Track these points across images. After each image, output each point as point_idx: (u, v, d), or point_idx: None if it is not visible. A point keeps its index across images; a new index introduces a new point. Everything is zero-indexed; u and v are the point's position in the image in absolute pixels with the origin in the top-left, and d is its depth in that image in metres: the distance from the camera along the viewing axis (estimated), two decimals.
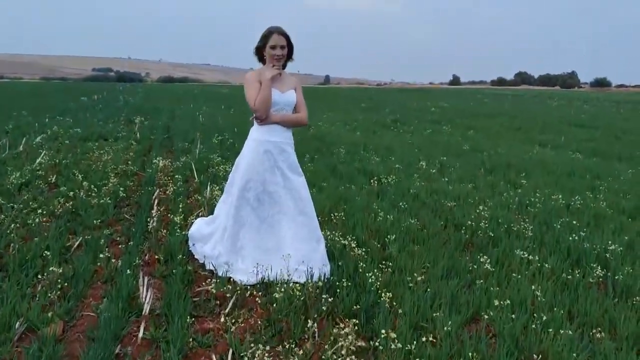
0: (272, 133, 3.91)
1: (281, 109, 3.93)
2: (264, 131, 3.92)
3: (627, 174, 8.35)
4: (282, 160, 3.95)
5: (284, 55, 3.89)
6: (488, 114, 21.92)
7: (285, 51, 3.89)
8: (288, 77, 4.05)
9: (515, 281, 3.82)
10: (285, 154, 3.96)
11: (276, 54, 3.85)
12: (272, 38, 3.86)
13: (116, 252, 4.40)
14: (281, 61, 3.91)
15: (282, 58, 3.90)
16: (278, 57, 3.87)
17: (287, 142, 3.98)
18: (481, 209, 5.57)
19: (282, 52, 3.85)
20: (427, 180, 7.28)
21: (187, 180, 7.20)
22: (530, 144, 12.65)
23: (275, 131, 3.92)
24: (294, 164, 4.02)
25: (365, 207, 5.77)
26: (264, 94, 3.81)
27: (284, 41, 3.85)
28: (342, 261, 4.02)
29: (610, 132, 15.80)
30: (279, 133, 3.93)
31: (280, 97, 3.90)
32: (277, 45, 3.85)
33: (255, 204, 3.93)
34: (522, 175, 7.84)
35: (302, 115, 4.03)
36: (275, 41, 3.85)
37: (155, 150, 9.46)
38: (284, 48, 3.87)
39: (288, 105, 3.96)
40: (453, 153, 10.21)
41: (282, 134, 3.96)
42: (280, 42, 3.84)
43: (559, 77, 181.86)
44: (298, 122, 4.04)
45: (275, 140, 3.92)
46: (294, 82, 4.07)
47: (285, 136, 3.98)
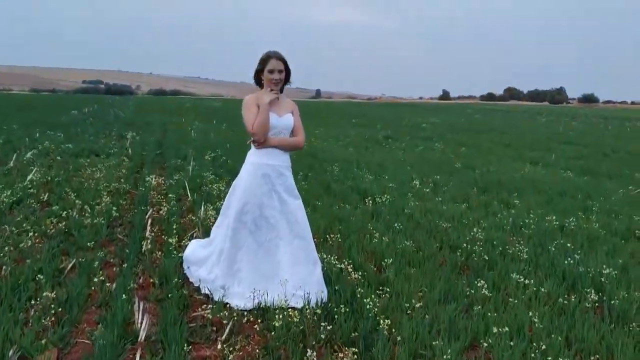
0: (270, 156, 3.91)
1: (279, 133, 3.94)
2: (261, 154, 3.92)
3: (618, 193, 8.41)
4: (280, 183, 3.95)
5: (281, 80, 3.91)
6: (479, 130, 22.09)
7: (283, 75, 3.91)
8: (286, 100, 4.07)
9: (512, 306, 3.82)
10: (283, 177, 3.96)
11: (274, 78, 3.88)
12: (270, 62, 3.89)
13: (110, 275, 4.36)
14: (279, 85, 3.93)
15: (280, 82, 3.92)
16: (276, 82, 3.90)
17: (284, 165, 3.98)
18: (476, 231, 5.58)
19: (279, 77, 3.88)
20: (421, 200, 7.29)
21: (180, 199, 7.16)
22: (521, 161, 12.74)
23: (273, 154, 3.92)
24: (291, 186, 4.02)
25: (361, 227, 5.77)
26: (262, 118, 3.81)
27: (281, 65, 3.89)
28: (338, 285, 4.01)
29: (598, 149, 15.95)
30: (276, 156, 3.94)
31: (277, 121, 3.91)
32: (274, 69, 3.88)
33: (253, 227, 3.92)
34: (515, 195, 7.88)
35: (300, 138, 4.04)
36: (273, 65, 3.88)
37: (148, 167, 9.41)
38: (282, 72, 3.90)
39: (286, 128, 3.97)
40: (445, 171, 10.25)
41: (280, 157, 3.96)
42: (278, 67, 3.87)
43: (547, 93, 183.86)
44: (295, 145, 4.05)
45: (273, 163, 3.92)
46: (292, 105, 4.09)
47: (283, 159, 3.98)
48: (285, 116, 3.96)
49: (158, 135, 15.46)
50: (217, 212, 6.02)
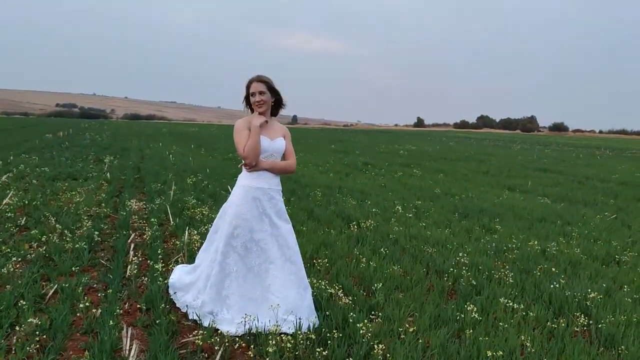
0: (261, 180, 3.91)
1: (270, 156, 3.94)
2: (252, 177, 3.90)
3: (595, 219, 8.57)
4: (271, 207, 3.93)
5: (263, 101, 3.90)
6: (455, 157, 22.37)
7: (266, 97, 3.91)
8: (277, 125, 4.08)
9: (503, 330, 3.83)
10: (274, 200, 3.95)
11: (255, 100, 3.91)
12: (252, 86, 3.93)
13: (94, 300, 4.25)
14: (262, 107, 3.92)
15: (263, 104, 3.91)
16: (258, 103, 3.91)
17: (275, 188, 3.98)
18: (461, 255, 5.61)
19: (260, 98, 3.89)
20: (404, 225, 7.32)
21: (162, 224, 7.07)
22: (499, 188, 12.92)
23: (264, 178, 3.92)
24: (282, 210, 4.00)
25: (347, 252, 5.76)
26: (253, 141, 3.81)
27: (262, 87, 3.90)
28: (329, 310, 3.97)
29: (572, 177, 16.27)
30: (267, 179, 3.93)
31: (269, 145, 3.91)
32: (255, 92, 3.91)
33: (243, 252, 3.88)
34: (496, 220, 7.97)
35: (291, 162, 4.05)
36: (254, 88, 3.91)
37: (127, 192, 9.28)
38: (263, 94, 3.89)
39: (277, 152, 3.97)
40: (426, 197, 10.34)
41: (271, 181, 3.95)
42: (259, 89, 3.89)
43: (519, 121, 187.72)
44: (287, 169, 4.05)
45: (263, 187, 3.90)
46: (283, 130, 4.10)
47: (274, 182, 3.98)
48: (276, 140, 3.97)
49: (136, 159, 15.30)
50: (202, 236, 5.99)
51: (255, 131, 3.83)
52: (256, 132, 3.83)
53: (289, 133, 4.14)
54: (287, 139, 4.08)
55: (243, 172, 3.97)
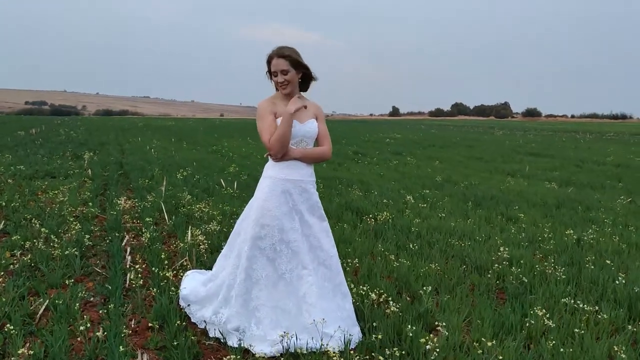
0: (292, 170, 3.30)
1: (300, 142, 3.33)
2: (281, 168, 3.30)
3: (614, 204, 8.14)
4: (302, 201, 3.33)
5: (287, 82, 3.27)
6: (443, 144, 21.97)
7: (290, 76, 3.26)
8: (308, 103, 3.45)
9: (580, 337, 3.30)
10: (307, 194, 3.34)
11: (278, 81, 3.29)
12: (272, 63, 3.29)
13: (94, 318, 3.62)
14: (287, 88, 3.30)
15: (287, 84, 3.28)
16: (282, 85, 3.29)
17: (308, 180, 3.37)
18: (498, 249, 5.08)
19: (283, 78, 3.26)
20: (421, 217, 6.78)
21: (158, 223, 6.41)
22: (499, 174, 12.51)
23: (295, 168, 3.31)
24: (316, 205, 3.40)
25: (369, 249, 5.19)
26: (283, 131, 3.19)
27: (284, 64, 3.24)
28: (377, 321, 3.39)
29: (566, 160, 15.96)
30: (299, 169, 3.32)
31: (299, 128, 3.30)
32: (277, 71, 3.27)
33: (272, 254, 3.27)
34: (516, 208, 7.47)
35: (326, 148, 3.43)
36: (275, 66, 3.28)
37: (113, 189, 8.55)
38: (286, 73, 3.25)
39: (309, 137, 3.36)
40: (429, 185, 9.84)
41: (303, 171, 3.34)
42: (280, 67, 3.25)
43: (493, 108, 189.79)
44: (321, 156, 3.44)
45: (295, 178, 3.30)
46: (315, 109, 3.46)
47: (307, 173, 3.37)
48: (308, 122, 3.36)
49: (117, 155, 14.48)
50: (207, 236, 5.36)
51: (286, 118, 3.19)
52: (287, 120, 3.20)
53: (322, 112, 3.52)
54: (320, 119, 3.46)
55: (269, 161, 3.36)
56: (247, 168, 11.73)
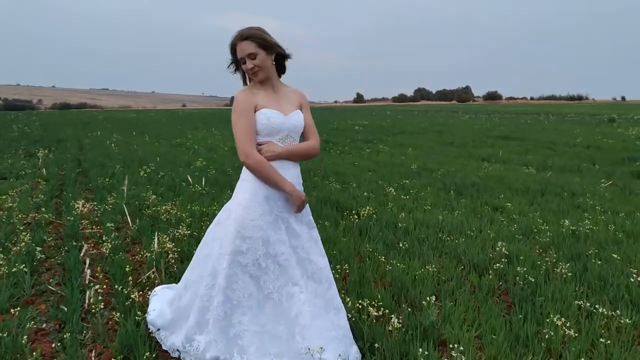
0: (278, 171, 2.81)
1: (286, 137, 2.84)
2: None
3: (598, 188, 7.91)
4: (289, 207, 2.85)
5: (259, 67, 2.76)
6: (413, 130, 21.70)
7: (260, 59, 2.74)
8: (289, 91, 2.96)
9: (606, 348, 2.94)
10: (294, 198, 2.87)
11: (247, 68, 2.77)
12: (237, 50, 2.78)
13: (46, 351, 3.09)
14: (259, 74, 2.79)
15: (259, 70, 2.77)
16: (253, 72, 2.78)
17: (296, 182, 2.89)
18: (498, 245, 4.70)
19: (253, 64, 2.74)
20: (404, 210, 6.38)
21: (120, 228, 5.84)
22: (473, 159, 12.25)
23: (282, 168, 2.82)
24: (304, 211, 2.94)
25: (356, 250, 4.77)
26: (267, 177, 2.78)
27: (251, 47, 2.72)
28: (378, 342, 2.96)
29: (538, 143, 15.84)
30: (286, 170, 2.83)
31: (283, 121, 2.81)
32: (244, 57, 2.76)
33: (256, 271, 2.78)
34: (501, 197, 7.15)
35: (313, 143, 2.95)
36: (240, 52, 2.76)
37: (70, 190, 7.89)
38: (255, 57, 2.73)
39: (295, 130, 2.88)
40: (406, 174, 9.46)
41: (290, 172, 2.86)
42: (247, 50, 2.73)
43: (455, 92, 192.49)
44: (310, 153, 2.95)
45: None
46: (298, 98, 2.97)
47: (294, 174, 2.89)
48: (292, 114, 2.87)
49: (74, 151, 13.67)
50: (176, 243, 4.84)
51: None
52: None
53: (306, 99, 3.02)
54: (305, 109, 2.98)
55: None
56: (215, 162, 11.15)
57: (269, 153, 2.76)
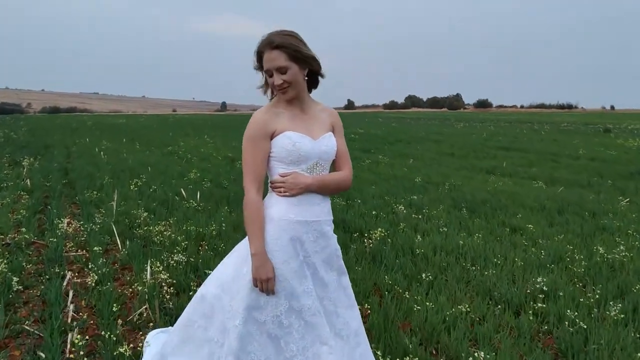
0: (305, 207, 2.31)
1: (315, 166, 2.33)
2: (290, 205, 2.30)
3: (618, 207, 7.48)
4: (318, 250, 2.35)
5: (288, 84, 2.23)
6: (410, 139, 21.26)
7: (291, 75, 2.21)
8: (320, 110, 2.44)
9: None
10: (324, 239, 2.37)
11: (275, 84, 2.24)
12: (264, 58, 2.24)
13: None
14: (289, 92, 2.26)
15: (288, 87, 2.24)
16: (281, 89, 2.25)
17: (326, 219, 2.40)
18: (531, 279, 4.23)
19: (281, 80, 2.22)
20: (418, 231, 5.90)
21: (109, 250, 5.32)
22: (477, 171, 11.81)
23: (310, 203, 2.32)
24: (334, 254, 2.43)
25: (373, 280, 4.27)
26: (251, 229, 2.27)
27: (281, 59, 2.19)
28: None
29: (541, 155, 15.44)
30: (314, 206, 2.33)
31: (312, 147, 2.30)
32: (271, 69, 2.23)
33: (277, 330, 2.28)
34: (519, 216, 6.67)
35: (347, 173, 2.44)
36: (268, 63, 2.23)
37: (55, 204, 7.33)
38: (285, 71, 2.21)
39: (326, 158, 2.37)
40: (411, 188, 9.00)
41: (320, 207, 2.36)
42: (276, 63, 2.20)
43: (445, 100, 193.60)
44: (341, 186, 2.45)
45: (309, 218, 2.32)
46: (330, 118, 2.46)
47: (324, 210, 2.39)
48: (323, 138, 2.36)
49: (62, 159, 13.06)
50: (171, 273, 4.32)
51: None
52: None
53: (340, 120, 2.51)
54: (338, 131, 2.48)
55: (271, 195, 2.36)
56: (209, 172, 10.61)
57: (295, 189, 2.25)
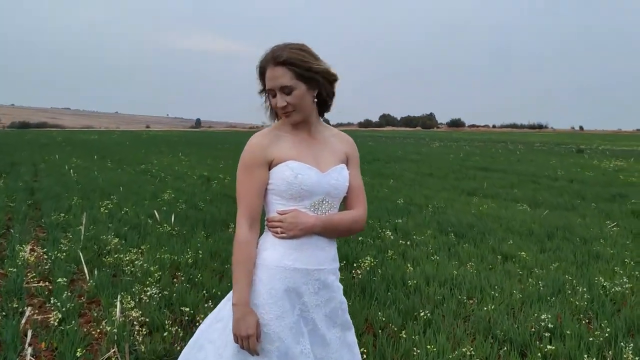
0: (306, 252, 1.94)
1: (321, 203, 1.95)
2: (288, 248, 1.93)
3: (607, 232, 7.30)
4: (319, 304, 1.98)
5: (293, 106, 1.88)
6: (388, 159, 21.11)
7: (296, 97, 1.86)
8: (332, 136, 2.08)
9: None
10: (327, 291, 2.00)
11: (277, 105, 1.89)
12: (267, 75, 1.89)
13: None
14: (294, 116, 1.91)
15: (293, 111, 1.89)
16: (285, 111, 1.90)
17: (330, 267, 2.02)
18: (534, 314, 3.94)
19: (285, 102, 1.87)
20: (406, 259, 5.61)
21: (75, 281, 4.89)
22: (459, 193, 11.61)
23: (312, 248, 1.95)
24: (338, 308, 2.05)
25: (364, 317, 3.94)
26: (235, 275, 1.89)
27: (286, 76, 1.84)
28: None
29: (521, 176, 15.35)
30: (318, 251, 1.96)
31: (319, 180, 1.93)
32: (274, 88, 1.88)
33: None
34: (510, 243, 6.42)
35: (360, 213, 2.04)
36: (271, 80, 1.88)
37: (18, 227, 6.84)
38: (290, 91, 1.85)
39: (335, 195, 1.98)
40: (394, 211, 8.73)
41: (324, 253, 1.99)
42: (280, 82, 1.85)
43: (419, 119, 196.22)
44: (352, 228, 2.06)
45: (310, 267, 1.95)
46: (345, 147, 2.08)
47: (329, 256, 2.02)
48: (334, 170, 1.99)
49: (28, 178, 12.48)
50: (143, 310, 3.92)
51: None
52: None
53: (356, 150, 2.14)
54: (353, 163, 2.09)
55: (267, 235, 1.99)
56: (184, 193, 10.20)
57: (294, 230, 1.90)
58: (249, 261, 1.90)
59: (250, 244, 1.90)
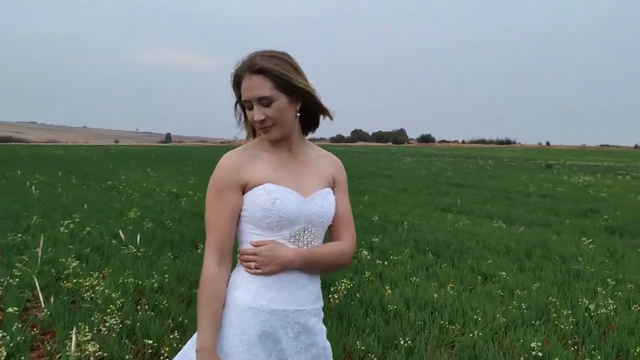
0: (284, 291, 1.69)
1: (302, 233, 1.71)
2: (263, 286, 1.68)
3: (584, 249, 7.21)
4: (299, 350, 1.72)
5: (272, 120, 1.64)
6: (361, 174, 20.96)
7: (275, 110, 1.62)
8: (318, 157, 1.83)
9: None
10: (308, 336, 1.75)
11: (254, 119, 1.64)
12: (242, 86, 1.64)
13: None
14: (273, 132, 1.66)
15: (272, 126, 1.65)
16: (263, 126, 1.65)
17: (311, 308, 1.76)
18: (518, 340, 3.74)
19: (263, 115, 1.62)
20: (384, 281, 5.37)
21: (28, 309, 4.51)
22: (432, 209, 11.48)
23: (291, 286, 1.70)
24: (322, 355, 1.79)
25: (343, 346, 3.69)
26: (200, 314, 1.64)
27: (265, 88, 1.60)
28: None
29: (493, 192, 15.37)
30: (297, 290, 1.72)
31: (299, 208, 1.68)
32: (250, 99, 1.63)
33: None
34: (489, 262, 6.26)
35: (346, 246, 1.81)
36: (247, 92, 1.63)
37: None
38: (268, 103, 1.61)
39: (316, 223, 1.74)
40: (369, 228, 8.52)
41: (304, 292, 1.74)
42: (257, 92, 1.61)
43: (390, 134, 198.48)
44: (338, 262, 1.82)
45: (288, 308, 1.70)
46: (331, 168, 1.85)
47: (311, 295, 1.77)
48: (317, 195, 1.74)
49: None
50: (101, 342, 3.59)
51: None
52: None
53: (344, 173, 1.90)
54: (340, 187, 1.86)
55: (239, 271, 1.73)
56: (151, 210, 9.81)
57: (270, 265, 1.65)
58: (216, 301, 1.63)
59: (218, 281, 1.64)
